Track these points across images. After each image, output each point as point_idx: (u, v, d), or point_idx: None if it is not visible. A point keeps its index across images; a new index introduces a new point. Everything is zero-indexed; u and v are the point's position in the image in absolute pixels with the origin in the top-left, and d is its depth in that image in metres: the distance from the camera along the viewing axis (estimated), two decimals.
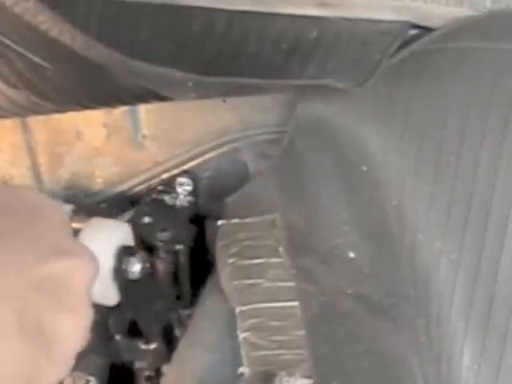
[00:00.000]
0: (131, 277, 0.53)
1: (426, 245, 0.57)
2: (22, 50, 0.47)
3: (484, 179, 0.55)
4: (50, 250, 0.43)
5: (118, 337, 0.63)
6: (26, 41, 0.46)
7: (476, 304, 0.55)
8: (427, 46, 0.57)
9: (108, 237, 0.52)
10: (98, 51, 0.47)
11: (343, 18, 0.56)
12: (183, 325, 0.66)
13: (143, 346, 0.64)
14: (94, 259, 0.46)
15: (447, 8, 0.57)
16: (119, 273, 0.52)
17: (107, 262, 0.51)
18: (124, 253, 0.52)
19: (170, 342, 0.66)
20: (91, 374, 0.65)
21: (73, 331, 0.43)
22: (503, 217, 0.55)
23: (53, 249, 0.43)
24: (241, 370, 0.53)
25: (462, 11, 0.57)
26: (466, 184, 0.56)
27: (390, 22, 0.57)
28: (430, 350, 0.57)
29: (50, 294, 0.42)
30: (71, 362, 0.44)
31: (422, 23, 0.57)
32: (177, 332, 0.67)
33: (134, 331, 0.63)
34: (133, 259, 0.53)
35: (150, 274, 0.59)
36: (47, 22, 0.44)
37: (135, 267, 0.53)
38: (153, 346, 0.64)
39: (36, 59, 0.47)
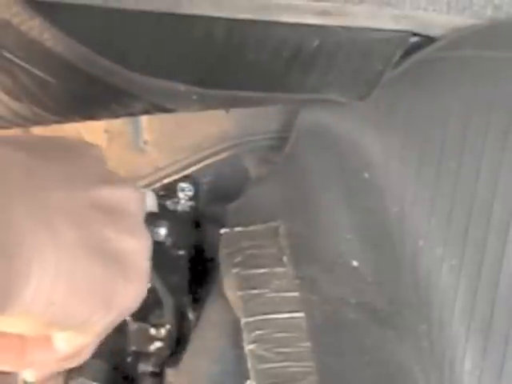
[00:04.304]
0: (157, 238, 0.54)
1: (427, 251, 0.57)
2: (27, 66, 0.47)
3: (485, 186, 0.56)
4: (103, 179, 0.43)
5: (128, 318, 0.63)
6: (32, 57, 0.46)
7: (477, 309, 0.56)
8: (428, 55, 0.57)
9: None
10: (102, 66, 0.47)
11: (344, 27, 0.56)
12: (196, 309, 0.67)
13: (153, 332, 0.65)
14: (141, 191, 0.46)
15: (448, 17, 0.57)
16: None
17: None
18: (151, 216, 0.53)
19: (181, 331, 0.66)
20: (95, 380, 0.66)
21: (138, 250, 0.44)
22: (504, 223, 0.55)
23: (105, 178, 0.44)
24: (248, 383, 0.54)
25: (463, 20, 0.57)
26: (467, 190, 0.56)
27: (391, 31, 0.57)
28: (432, 356, 0.57)
29: (111, 215, 0.42)
30: (145, 282, 0.45)
31: (423, 32, 0.58)
32: (190, 315, 0.67)
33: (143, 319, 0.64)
34: (159, 222, 0.54)
35: (171, 243, 0.60)
36: (52, 39, 0.45)
37: (161, 229, 0.55)
38: (163, 331, 0.64)
39: (41, 74, 0.48)
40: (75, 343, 0.43)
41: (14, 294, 0.36)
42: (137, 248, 0.43)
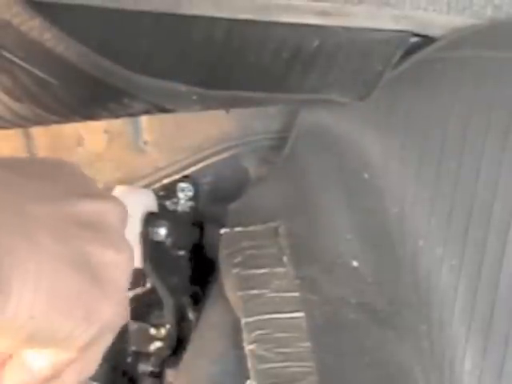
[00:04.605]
0: (157, 238, 0.55)
1: (427, 251, 0.57)
2: (27, 66, 0.47)
3: (485, 186, 0.56)
4: (82, 193, 0.43)
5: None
6: (32, 57, 0.46)
7: (477, 309, 0.56)
8: (428, 55, 0.58)
9: (135, 202, 0.53)
10: (102, 67, 0.47)
11: (343, 28, 0.56)
12: (196, 309, 0.67)
13: (153, 332, 0.65)
14: (122, 203, 0.46)
15: (448, 17, 0.57)
16: (146, 234, 0.53)
17: (134, 226, 0.52)
18: (150, 216, 0.53)
19: (181, 331, 0.66)
20: (95, 380, 0.66)
21: (120, 266, 0.43)
22: (504, 223, 0.55)
23: (84, 192, 0.43)
24: (248, 383, 0.54)
25: (463, 20, 0.57)
26: (466, 190, 0.56)
27: (391, 31, 0.57)
28: (433, 356, 0.57)
29: (90, 229, 0.42)
30: (124, 300, 0.45)
31: (422, 32, 0.58)
32: (190, 315, 0.67)
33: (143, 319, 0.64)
34: (159, 222, 0.55)
35: (171, 244, 0.60)
36: (53, 39, 0.45)
37: (161, 230, 0.55)
38: (163, 331, 0.65)
39: (42, 75, 0.48)
40: (55, 361, 0.42)
41: None
42: (117, 261, 0.43)
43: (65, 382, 0.44)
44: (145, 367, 0.68)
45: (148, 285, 0.65)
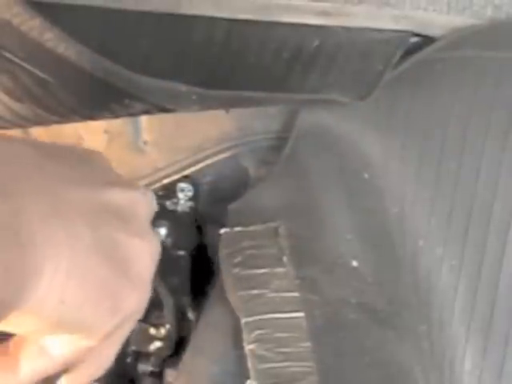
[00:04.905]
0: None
1: (427, 251, 0.57)
2: (28, 67, 0.47)
3: (485, 186, 0.56)
4: (112, 182, 0.43)
5: None
6: (33, 57, 0.46)
7: (477, 309, 0.56)
8: (428, 55, 0.58)
9: None
10: (102, 67, 0.47)
11: (344, 28, 0.56)
12: (196, 309, 0.67)
13: (153, 332, 0.65)
14: (151, 194, 0.46)
15: (448, 17, 0.57)
16: None
17: None
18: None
19: (181, 331, 0.66)
20: (95, 380, 0.66)
21: (146, 255, 0.44)
22: (504, 223, 0.55)
23: (114, 181, 0.44)
24: (248, 383, 0.54)
25: (463, 20, 0.57)
26: (466, 191, 0.56)
27: (391, 31, 0.57)
28: (432, 356, 0.57)
29: (119, 217, 0.42)
30: (149, 288, 0.45)
31: (422, 32, 0.58)
32: (190, 315, 0.67)
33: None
34: (159, 221, 0.55)
35: (171, 244, 0.60)
36: (54, 40, 0.45)
37: (161, 229, 0.55)
38: (163, 331, 0.65)
39: (42, 75, 0.48)
40: (75, 348, 0.42)
41: (28, 286, 0.35)
42: (143, 251, 0.43)
43: (83, 372, 0.45)
44: (145, 367, 0.68)
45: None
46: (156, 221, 0.58)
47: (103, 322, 0.41)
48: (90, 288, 0.39)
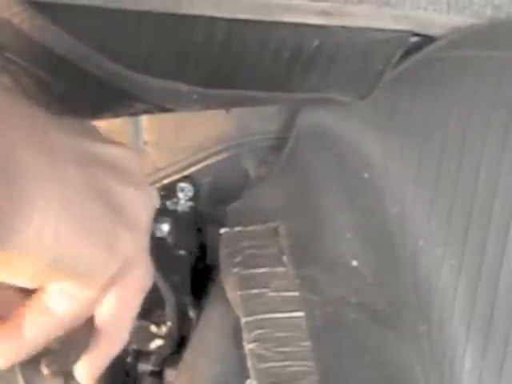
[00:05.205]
0: (159, 234, 0.54)
1: (427, 251, 0.58)
2: (28, 66, 0.47)
3: (485, 186, 0.56)
4: (104, 138, 0.44)
5: None
6: (32, 57, 0.46)
7: (477, 309, 0.56)
8: (428, 55, 0.58)
9: None
10: (102, 67, 0.47)
11: (344, 27, 0.56)
12: (198, 307, 0.67)
13: (154, 330, 0.65)
14: (139, 155, 0.47)
15: (448, 16, 0.57)
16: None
17: None
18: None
19: (182, 329, 0.66)
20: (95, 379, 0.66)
21: (140, 203, 0.44)
22: (504, 223, 0.55)
23: (105, 138, 0.45)
24: (248, 382, 0.54)
25: (463, 20, 0.57)
26: (466, 191, 0.56)
27: (391, 31, 0.57)
28: (432, 356, 0.57)
29: (112, 168, 0.43)
30: (147, 238, 0.45)
31: (422, 32, 0.58)
32: (191, 313, 0.67)
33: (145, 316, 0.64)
34: (161, 217, 0.55)
35: (172, 243, 0.60)
36: (53, 39, 0.45)
37: (164, 225, 0.55)
38: (164, 328, 0.65)
39: (41, 74, 0.48)
40: (78, 302, 0.42)
41: (19, 223, 0.35)
42: (138, 198, 0.44)
43: (100, 351, 0.45)
44: (145, 367, 0.68)
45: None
46: (159, 216, 0.58)
47: (101, 265, 0.41)
48: (83, 225, 0.39)
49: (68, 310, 0.42)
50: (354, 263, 0.60)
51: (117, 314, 0.45)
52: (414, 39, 0.58)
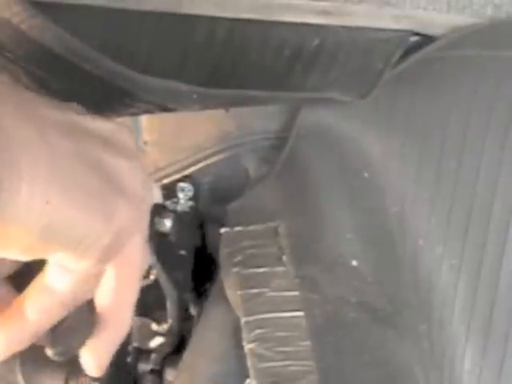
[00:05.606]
0: (162, 229, 0.54)
1: (427, 250, 0.58)
2: (28, 66, 0.47)
3: (485, 185, 0.56)
4: (94, 116, 0.44)
5: None
6: (32, 56, 0.46)
7: (477, 309, 0.56)
8: (428, 54, 0.58)
9: None
10: (103, 66, 0.47)
11: (344, 27, 0.56)
12: (199, 304, 0.67)
13: (155, 327, 0.65)
14: (132, 130, 0.46)
15: (448, 16, 0.57)
16: (151, 224, 0.53)
17: None
18: (156, 207, 0.53)
19: (183, 328, 0.66)
20: (95, 379, 0.66)
21: (134, 173, 0.43)
22: (504, 222, 0.55)
23: (95, 116, 0.44)
24: (247, 382, 0.54)
25: (463, 19, 0.57)
26: (466, 190, 0.56)
27: (391, 30, 0.57)
28: (432, 355, 0.57)
29: (103, 141, 0.42)
30: (144, 208, 0.44)
31: (423, 31, 0.58)
32: (192, 311, 0.67)
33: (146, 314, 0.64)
34: (164, 213, 0.55)
35: (173, 242, 0.61)
36: (53, 39, 0.45)
37: (167, 220, 0.55)
38: (165, 326, 0.65)
39: (41, 74, 0.47)
40: (77, 277, 0.42)
41: (7, 190, 0.35)
42: (131, 169, 0.43)
43: (104, 336, 0.45)
44: (145, 366, 0.68)
45: (152, 277, 0.65)
46: (162, 212, 0.58)
47: (94, 231, 0.40)
48: (75, 194, 0.39)
49: (67, 286, 0.42)
50: (354, 262, 0.60)
51: (116, 295, 0.44)
52: (414, 39, 0.58)
